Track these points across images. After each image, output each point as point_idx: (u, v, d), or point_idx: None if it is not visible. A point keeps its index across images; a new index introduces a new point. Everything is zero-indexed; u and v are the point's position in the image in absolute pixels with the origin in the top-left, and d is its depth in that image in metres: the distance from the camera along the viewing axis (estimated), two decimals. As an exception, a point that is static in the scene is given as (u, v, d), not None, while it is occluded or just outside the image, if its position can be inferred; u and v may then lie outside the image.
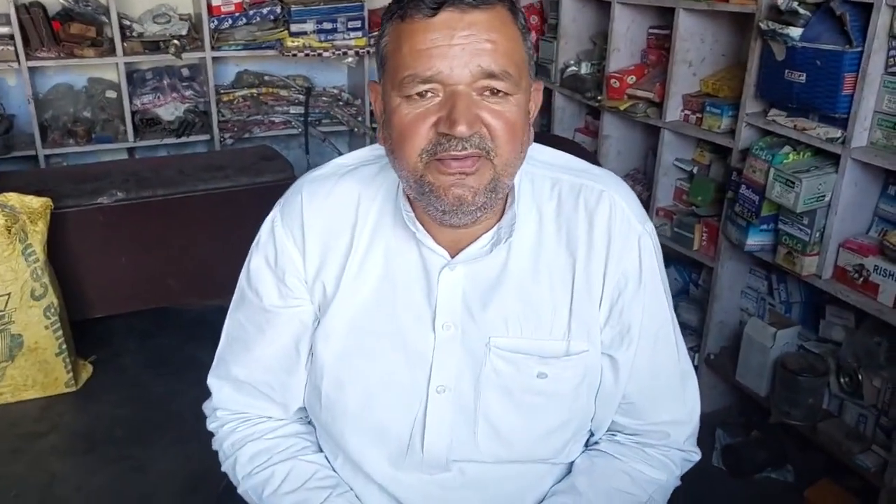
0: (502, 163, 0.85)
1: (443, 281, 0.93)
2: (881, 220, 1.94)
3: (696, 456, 1.06)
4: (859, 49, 1.79)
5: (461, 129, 0.81)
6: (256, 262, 1.00)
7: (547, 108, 3.11)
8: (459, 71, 0.81)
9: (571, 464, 1.03)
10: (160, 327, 3.01)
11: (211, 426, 1.08)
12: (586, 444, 1.05)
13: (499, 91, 0.83)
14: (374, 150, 1.00)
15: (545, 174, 0.97)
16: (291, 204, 0.98)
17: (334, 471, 1.03)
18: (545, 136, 3.00)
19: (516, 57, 0.84)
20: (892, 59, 1.77)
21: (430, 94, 0.83)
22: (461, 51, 0.81)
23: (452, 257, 0.93)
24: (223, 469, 1.08)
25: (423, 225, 0.93)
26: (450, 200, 0.85)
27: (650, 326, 0.97)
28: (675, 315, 1.03)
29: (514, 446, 0.96)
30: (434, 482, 0.98)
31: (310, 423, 1.08)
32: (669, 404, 1.02)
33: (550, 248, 0.94)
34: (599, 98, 2.72)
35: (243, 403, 1.04)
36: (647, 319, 0.96)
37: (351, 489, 1.01)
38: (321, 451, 1.05)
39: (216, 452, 1.09)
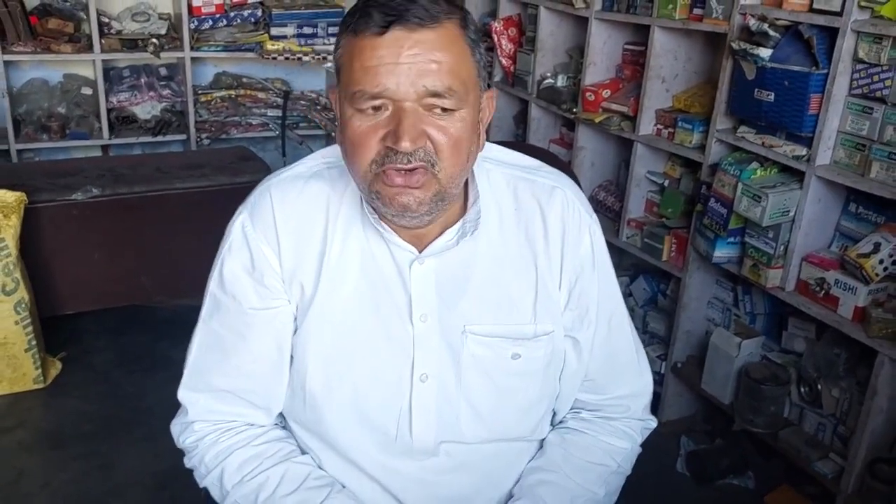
0: (447, 176, 0.90)
1: (414, 275, 0.98)
2: (842, 235, 2.01)
3: (653, 423, 1.15)
4: (825, 71, 1.86)
5: (405, 144, 0.86)
6: (230, 267, 1.00)
7: (523, 119, 3.16)
8: (406, 88, 0.86)
9: (542, 442, 1.09)
10: (132, 325, 3.00)
11: (186, 442, 1.05)
12: (552, 424, 1.11)
13: (445, 108, 0.88)
14: (336, 151, 1.02)
15: (501, 171, 1.03)
16: (261, 207, 1.00)
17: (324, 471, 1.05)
18: (521, 145, 3.06)
19: (463, 74, 0.88)
20: (855, 82, 1.85)
21: (380, 109, 0.88)
22: (408, 69, 0.85)
23: (421, 252, 0.98)
24: (203, 484, 1.05)
25: (389, 224, 0.97)
26: (396, 208, 0.90)
27: (606, 307, 1.06)
28: (622, 297, 1.11)
29: (494, 426, 1.01)
30: (424, 468, 1.01)
31: (285, 427, 1.09)
32: (627, 378, 1.10)
33: (512, 240, 1.01)
34: (575, 110, 2.78)
35: (225, 413, 1.04)
36: (603, 301, 1.05)
37: (344, 486, 1.03)
38: (306, 453, 1.07)
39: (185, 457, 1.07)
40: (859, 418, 1.87)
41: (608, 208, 2.79)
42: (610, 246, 2.94)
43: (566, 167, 2.81)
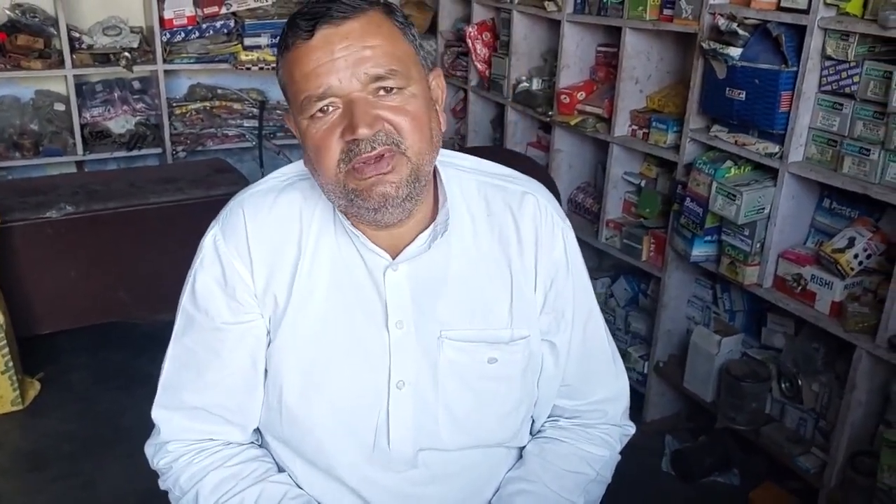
0: (415, 153, 0.90)
1: (388, 281, 0.97)
2: (817, 231, 2.02)
3: (631, 429, 1.15)
4: (795, 69, 1.88)
5: (362, 131, 0.87)
6: (203, 282, 1.00)
7: (500, 123, 3.17)
8: (348, 81, 0.87)
9: (521, 450, 1.08)
10: (110, 342, 2.96)
11: (160, 463, 1.04)
12: (532, 433, 1.11)
13: (392, 88, 0.89)
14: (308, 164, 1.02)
15: (472, 178, 1.03)
16: (233, 221, 1.00)
17: (301, 488, 1.04)
18: (498, 149, 3.06)
19: (399, 53, 0.90)
20: (824, 79, 1.87)
21: (330, 109, 0.89)
22: (344, 62, 0.87)
23: (394, 258, 0.98)
24: None
25: (362, 233, 0.97)
26: (376, 198, 0.90)
27: (581, 310, 1.06)
28: (596, 301, 1.11)
29: (473, 431, 1.01)
30: (403, 480, 1.01)
31: (262, 445, 1.08)
32: (603, 382, 1.11)
33: (485, 245, 1.01)
34: (550, 113, 2.78)
35: (199, 431, 1.03)
36: (578, 304, 1.06)
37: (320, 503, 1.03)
38: (283, 471, 1.05)
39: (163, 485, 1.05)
40: (839, 412, 1.88)
41: (587, 210, 2.80)
42: (590, 247, 2.95)
43: (543, 170, 2.83)
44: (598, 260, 2.88)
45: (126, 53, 3.46)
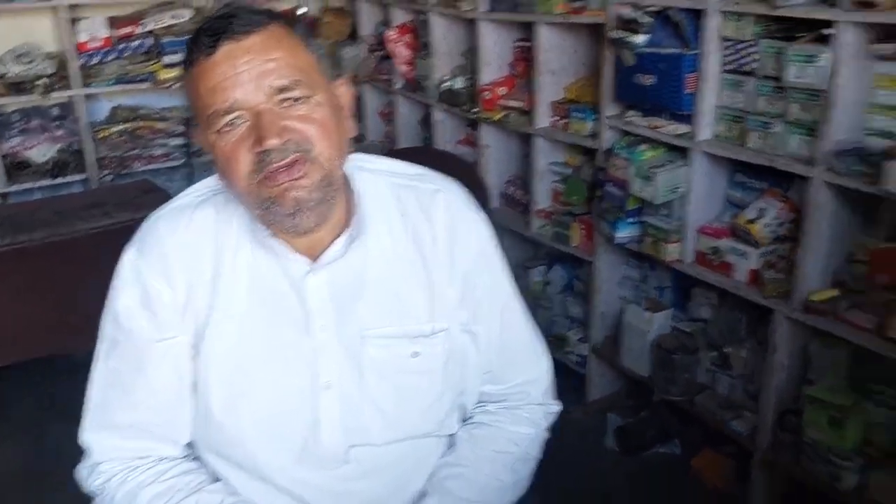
0: (326, 158, 0.93)
1: (309, 286, 1.00)
2: (732, 205, 2.11)
3: (555, 407, 1.20)
4: (697, 51, 1.96)
5: (272, 142, 0.89)
6: (124, 302, 1.01)
7: (428, 123, 3.21)
8: (253, 94, 0.90)
9: (452, 437, 1.12)
10: (49, 375, 2.89)
11: (94, 485, 1.04)
12: (462, 421, 1.15)
13: (298, 98, 0.92)
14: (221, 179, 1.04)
15: (384, 181, 1.07)
16: (150, 240, 1.02)
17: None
18: (427, 150, 3.10)
19: (301, 63, 0.93)
20: (726, 59, 1.95)
21: (238, 122, 0.91)
22: (248, 76, 0.90)
23: (313, 263, 1.00)
24: None
25: (280, 242, 1.00)
26: (289, 203, 0.92)
27: (498, 299, 1.11)
28: (516, 288, 1.16)
29: (401, 425, 1.04)
30: (336, 477, 1.03)
31: (196, 459, 1.09)
32: (525, 366, 1.16)
33: (402, 245, 1.04)
34: (475, 110, 2.84)
35: (132, 449, 1.04)
36: (495, 294, 1.10)
37: None
38: (219, 480, 1.07)
39: None
40: (764, 376, 1.97)
41: (517, 202, 2.86)
42: (523, 238, 3.00)
43: (471, 167, 2.87)
44: (532, 249, 2.95)
45: (42, 80, 3.38)
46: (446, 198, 1.07)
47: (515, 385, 1.14)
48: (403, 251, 1.04)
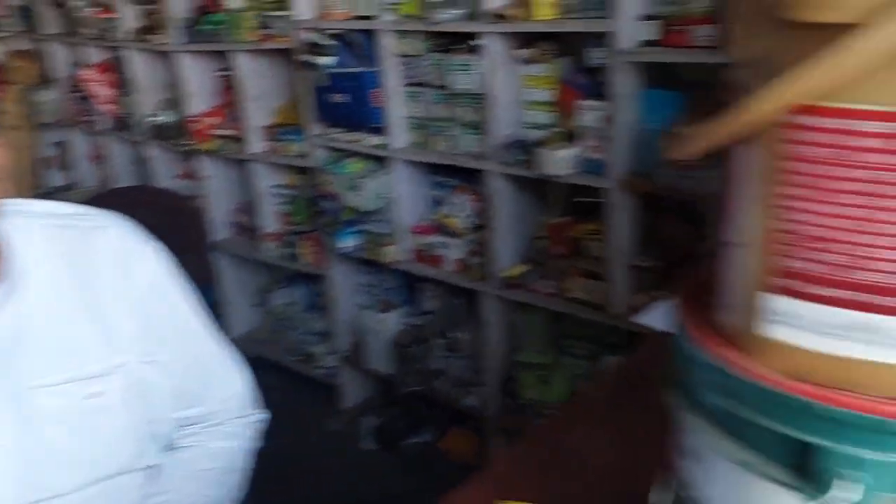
0: None
1: None
2: (435, 203, 2.31)
3: (259, 416, 1.24)
4: (377, 68, 2.13)
5: None
6: None
7: (141, 161, 3.11)
8: None
9: (157, 468, 1.12)
10: None
11: None
12: (166, 449, 1.15)
13: None
14: None
15: (40, 224, 1.04)
16: None
17: None
18: (144, 188, 3.01)
19: None
20: (404, 73, 2.13)
21: None
22: None
23: None
24: None
25: None
26: None
27: (180, 324, 1.12)
28: (199, 309, 1.17)
29: (87, 468, 1.02)
30: None
31: None
32: (221, 383, 1.19)
33: (67, 287, 1.02)
34: (187, 143, 2.80)
35: None
36: (175, 319, 1.11)
37: None
38: None
39: None
40: (483, 351, 2.19)
41: (246, 228, 2.87)
42: (256, 263, 2.98)
43: (188, 200, 2.83)
44: (269, 274, 2.98)
45: None
46: (114, 233, 1.06)
47: (216, 402, 1.17)
48: (70, 294, 1.02)
